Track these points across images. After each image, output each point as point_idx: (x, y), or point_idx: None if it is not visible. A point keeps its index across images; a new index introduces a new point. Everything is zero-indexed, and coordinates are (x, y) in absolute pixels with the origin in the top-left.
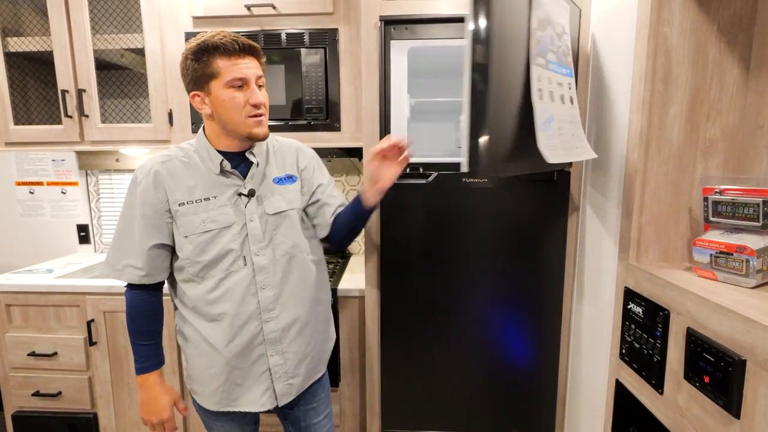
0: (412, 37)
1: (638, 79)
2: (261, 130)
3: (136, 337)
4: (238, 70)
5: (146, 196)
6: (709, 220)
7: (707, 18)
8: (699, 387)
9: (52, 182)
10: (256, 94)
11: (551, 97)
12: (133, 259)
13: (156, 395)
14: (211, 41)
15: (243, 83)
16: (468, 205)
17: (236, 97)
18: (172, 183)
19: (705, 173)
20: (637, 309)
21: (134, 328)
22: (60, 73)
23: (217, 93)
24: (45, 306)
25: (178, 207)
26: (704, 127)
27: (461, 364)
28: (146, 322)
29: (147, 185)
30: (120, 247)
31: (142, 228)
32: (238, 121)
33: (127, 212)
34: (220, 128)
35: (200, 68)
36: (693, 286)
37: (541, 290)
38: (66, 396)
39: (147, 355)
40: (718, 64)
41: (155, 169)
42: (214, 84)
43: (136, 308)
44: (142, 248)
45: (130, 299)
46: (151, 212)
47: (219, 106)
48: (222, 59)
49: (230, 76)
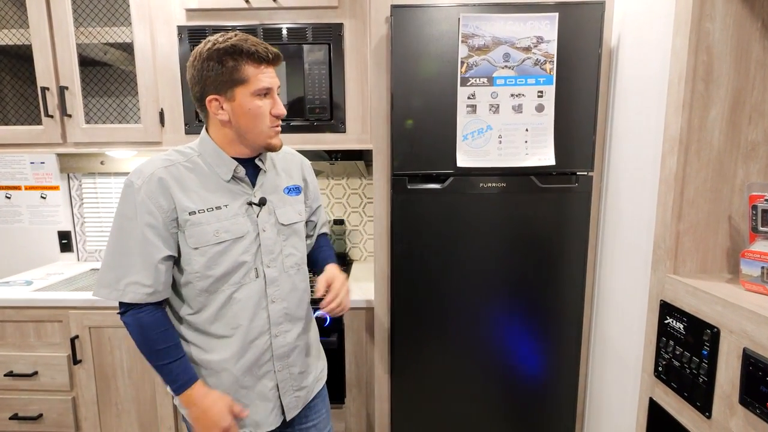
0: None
1: (677, 79)
2: (278, 141)
3: (157, 359)
4: (267, 80)
5: (151, 204)
6: (758, 229)
7: (751, 14)
8: (760, 414)
9: (31, 186)
10: (279, 105)
11: (495, 110)
12: (138, 275)
13: (207, 407)
14: (244, 46)
15: (268, 92)
16: (484, 211)
17: (262, 106)
18: (180, 190)
19: (746, 179)
20: (677, 325)
21: (151, 349)
22: (40, 69)
23: (242, 101)
24: (24, 321)
25: (188, 216)
26: (746, 130)
27: (475, 377)
28: (162, 338)
29: (151, 192)
30: (119, 264)
31: (148, 240)
32: (259, 131)
33: (124, 224)
34: (236, 136)
35: (226, 72)
36: (746, 303)
37: (559, 300)
38: (48, 419)
39: (177, 373)
40: (761, 63)
41: (159, 174)
42: (239, 91)
43: (147, 327)
44: (149, 262)
45: (136, 321)
46: (158, 221)
47: (242, 114)
48: (251, 66)
49: (259, 85)
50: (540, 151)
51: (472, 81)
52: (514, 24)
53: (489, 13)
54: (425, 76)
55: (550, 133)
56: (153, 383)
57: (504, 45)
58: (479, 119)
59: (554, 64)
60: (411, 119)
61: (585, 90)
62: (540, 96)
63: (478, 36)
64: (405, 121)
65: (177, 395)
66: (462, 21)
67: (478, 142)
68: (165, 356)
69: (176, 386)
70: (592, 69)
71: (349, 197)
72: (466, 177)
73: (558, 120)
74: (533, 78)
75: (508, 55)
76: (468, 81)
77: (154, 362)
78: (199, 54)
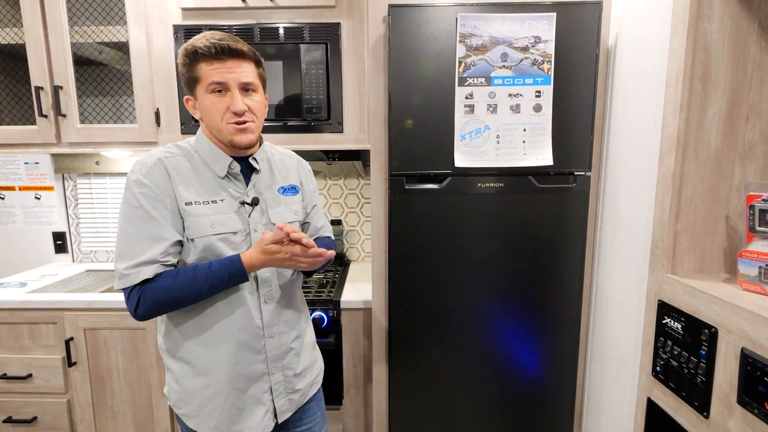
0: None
1: (675, 78)
2: (242, 138)
3: (200, 292)
4: (218, 75)
5: (157, 192)
6: (755, 229)
7: (748, 14)
8: (758, 414)
9: (25, 187)
10: (236, 100)
11: (493, 110)
12: (150, 254)
13: (261, 256)
14: (193, 45)
15: (222, 88)
16: (482, 211)
17: (216, 102)
18: (179, 179)
19: (743, 179)
20: (675, 324)
21: (186, 295)
22: (34, 68)
23: (201, 98)
24: (18, 323)
25: (185, 206)
26: (743, 130)
27: (473, 377)
28: (182, 283)
29: (153, 180)
30: (132, 253)
31: (157, 224)
32: (219, 128)
33: (130, 213)
34: (210, 134)
35: (187, 72)
36: (744, 302)
37: (557, 300)
38: (42, 422)
39: (222, 275)
40: (758, 63)
41: (160, 163)
42: (198, 89)
43: (168, 283)
44: (163, 245)
45: (154, 288)
46: (166, 209)
47: (203, 111)
48: (203, 63)
49: (209, 80)
50: (538, 151)
51: (469, 81)
52: (511, 24)
53: (487, 13)
54: (423, 75)
55: (548, 133)
56: (149, 385)
57: (502, 45)
58: (477, 119)
59: (552, 64)
60: (409, 119)
61: (583, 90)
62: (538, 96)
63: (475, 36)
64: (403, 121)
65: (243, 271)
66: (460, 21)
67: (476, 142)
68: (200, 285)
69: (237, 276)
70: (590, 69)
71: (346, 197)
72: (464, 177)
73: (556, 120)
74: (531, 78)
75: (505, 55)
76: (466, 81)
77: (202, 295)
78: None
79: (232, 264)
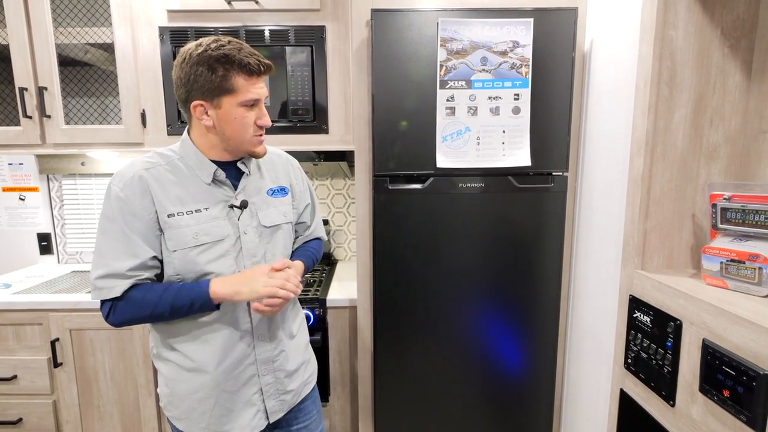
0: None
1: (643, 83)
2: (263, 149)
3: (165, 312)
4: (256, 92)
5: (133, 207)
6: (717, 227)
7: (711, 22)
8: (717, 401)
9: (9, 188)
10: (266, 116)
11: (473, 112)
12: (122, 268)
13: (237, 280)
14: (236, 56)
15: (255, 103)
16: (463, 211)
17: (247, 116)
18: (160, 192)
19: (708, 179)
20: (645, 318)
21: (152, 313)
22: (18, 69)
23: (228, 109)
24: (3, 325)
25: (167, 218)
26: (708, 132)
27: (456, 373)
28: (149, 300)
29: (131, 195)
30: (106, 265)
31: (131, 240)
32: (243, 140)
33: (107, 226)
34: (220, 141)
35: (216, 80)
36: (706, 296)
37: (537, 297)
38: (28, 423)
39: (187, 299)
40: (721, 68)
41: (139, 174)
42: (227, 99)
43: (138, 298)
44: (135, 262)
45: (123, 303)
46: (141, 224)
47: (227, 123)
48: (242, 77)
49: (247, 97)
50: (516, 152)
51: (450, 84)
52: (491, 29)
53: (467, 18)
54: (405, 78)
55: (527, 134)
56: (136, 384)
57: (481, 49)
58: (458, 121)
59: (530, 67)
60: (392, 121)
61: (559, 93)
62: (516, 99)
63: (456, 40)
64: (386, 123)
65: (210, 303)
66: (440, 25)
67: (457, 143)
68: (162, 308)
69: (200, 303)
70: (566, 72)
71: (333, 198)
72: (446, 177)
73: (534, 122)
74: (510, 81)
75: (485, 59)
76: (447, 84)
77: (165, 317)
78: (189, 56)
79: (200, 288)
